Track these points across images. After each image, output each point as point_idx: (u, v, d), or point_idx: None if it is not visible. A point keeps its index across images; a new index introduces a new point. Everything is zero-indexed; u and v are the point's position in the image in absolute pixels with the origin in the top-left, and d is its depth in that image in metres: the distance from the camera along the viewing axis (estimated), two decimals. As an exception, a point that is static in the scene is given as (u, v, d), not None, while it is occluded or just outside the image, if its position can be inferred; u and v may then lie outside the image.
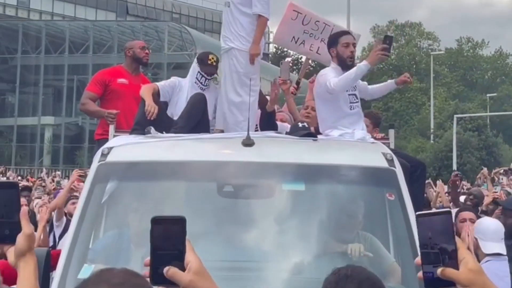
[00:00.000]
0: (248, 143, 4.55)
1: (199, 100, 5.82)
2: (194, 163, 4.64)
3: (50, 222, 8.22)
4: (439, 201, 11.11)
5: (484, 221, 6.48)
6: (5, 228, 2.44)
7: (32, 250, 2.46)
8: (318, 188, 4.63)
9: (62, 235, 7.91)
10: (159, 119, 5.68)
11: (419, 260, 2.09)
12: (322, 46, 6.96)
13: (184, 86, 6.13)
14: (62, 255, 4.04)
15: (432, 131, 55.17)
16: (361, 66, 5.76)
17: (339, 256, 4.39)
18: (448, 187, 15.66)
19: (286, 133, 5.40)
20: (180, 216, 2.19)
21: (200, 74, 6.09)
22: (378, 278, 2.59)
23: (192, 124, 5.53)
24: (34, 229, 7.69)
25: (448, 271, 2.03)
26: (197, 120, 5.64)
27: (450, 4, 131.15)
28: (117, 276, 1.68)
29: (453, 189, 11.47)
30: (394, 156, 4.73)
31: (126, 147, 4.78)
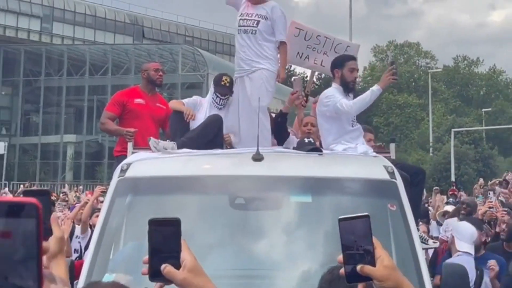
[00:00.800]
0: (257, 158, 4.55)
1: (214, 121, 5.90)
2: (207, 178, 4.65)
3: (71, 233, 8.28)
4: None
5: (464, 224, 7.11)
6: None
7: (62, 252, 2.48)
8: (324, 200, 4.63)
9: (87, 246, 7.94)
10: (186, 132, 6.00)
11: (341, 258, 2.18)
12: (325, 59, 7.02)
13: (204, 105, 6.30)
14: (85, 264, 4.05)
15: (431, 144, 55.03)
16: (375, 91, 5.89)
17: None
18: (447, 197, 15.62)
19: (293, 148, 5.41)
20: (176, 218, 2.23)
21: (215, 94, 6.24)
22: None
23: (202, 141, 5.56)
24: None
25: (366, 268, 2.14)
26: (208, 138, 5.67)
27: (447, 25, 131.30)
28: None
29: None
30: (395, 169, 4.73)
31: (143, 163, 4.81)
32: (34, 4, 61.51)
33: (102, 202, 9.18)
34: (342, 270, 2.19)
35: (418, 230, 5.48)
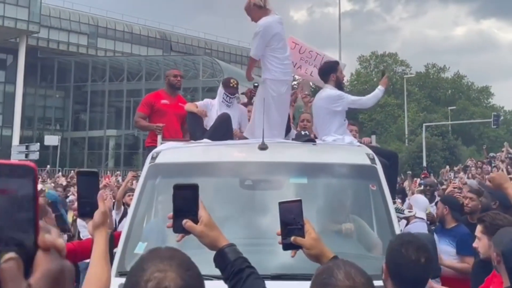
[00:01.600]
0: (263, 147, 4.56)
1: (225, 119, 5.85)
2: (221, 163, 4.66)
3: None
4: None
5: (418, 196, 7.81)
6: (86, 206, 2.52)
7: (106, 224, 2.52)
8: (317, 181, 4.62)
9: (121, 220, 7.99)
10: (200, 128, 5.95)
11: (279, 232, 2.44)
12: (314, 71, 6.97)
13: (214, 105, 6.26)
14: (122, 235, 4.06)
15: (406, 136, 54.88)
16: (382, 89, 6.19)
17: (335, 234, 4.38)
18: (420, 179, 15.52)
19: (292, 139, 5.40)
20: (194, 184, 2.32)
21: (225, 94, 6.21)
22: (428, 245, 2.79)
23: (218, 135, 5.52)
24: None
25: (297, 239, 2.41)
26: (222, 133, 5.62)
27: (419, 38, 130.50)
28: (165, 251, 1.73)
29: None
30: (375, 156, 4.72)
31: (170, 152, 4.81)
32: (82, 23, 61.77)
33: (132, 185, 9.26)
34: (279, 240, 2.45)
35: (395, 204, 5.45)
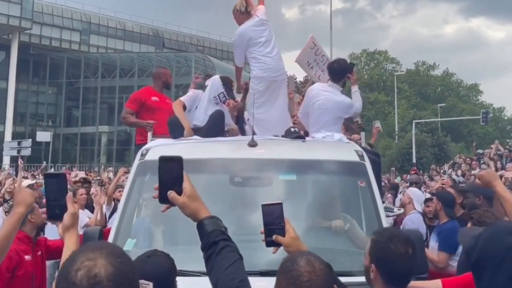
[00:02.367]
0: (252, 144, 4.55)
1: (219, 116, 5.68)
2: (212, 160, 4.63)
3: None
4: None
5: (415, 190, 8.15)
6: (56, 209, 2.52)
7: (75, 226, 2.53)
8: (307, 178, 4.61)
9: (111, 215, 7.98)
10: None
11: (263, 231, 2.62)
12: (321, 74, 7.08)
13: (203, 99, 6.00)
14: (112, 231, 4.04)
15: (396, 133, 55.00)
16: (358, 91, 6.16)
17: (324, 230, 4.37)
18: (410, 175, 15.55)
19: (282, 136, 5.36)
20: (179, 156, 2.39)
21: (223, 94, 5.91)
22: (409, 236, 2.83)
23: (212, 134, 5.41)
24: (91, 212, 7.61)
25: (278, 238, 2.58)
26: (216, 131, 5.51)
27: (409, 36, 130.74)
28: (97, 244, 1.74)
29: None
30: (364, 153, 4.71)
31: (159, 149, 4.76)
32: (75, 20, 61.42)
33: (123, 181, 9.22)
34: (263, 238, 2.62)
35: (384, 203, 5.45)
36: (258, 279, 2.98)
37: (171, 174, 2.35)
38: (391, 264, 2.71)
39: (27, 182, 10.14)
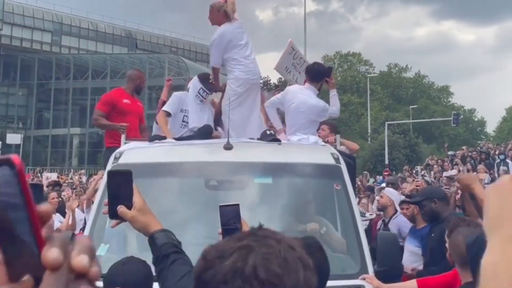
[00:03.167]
0: (228, 147, 4.51)
1: (206, 130, 5.70)
2: (186, 164, 4.58)
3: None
4: None
5: (393, 191, 7.94)
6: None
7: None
8: (282, 181, 4.59)
9: (88, 219, 7.87)
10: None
11: (220, 231, 2.60)
12: (298, 77, 7.17)
13: (186, 100, 6.05)
14: (84, 237, 3.95)
15: (369, 134, 55.40)
16: (337, 95, 6.24)
17: (300, 234, 4.34)
18: (383, 177, 15.65)
19: (257, 138, 5.34)
20: (128, 170, 2.29)
21: (203, 89, 5.98)
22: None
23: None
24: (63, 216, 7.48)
25: None
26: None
27: (381, 38, 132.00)
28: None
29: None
30: (340, 156, 4.71)
31: (133, 152, 4.70)
32: (46, 20, 60.75)
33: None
34: (220, 239, 2.47)
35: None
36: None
37: (121, 189, 2.26)
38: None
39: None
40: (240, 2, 6.13)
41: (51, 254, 0.71)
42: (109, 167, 4.41)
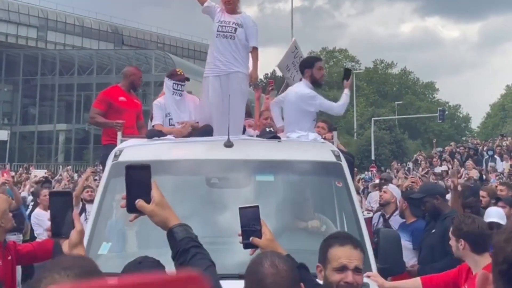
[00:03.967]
0: (228, 144, 4.49)
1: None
2: (187, 161, 4.55)
3: None
4: None
5: (395, 188, 7.66)
6: (61, 226, 2.46)
7: (82, 243, 2.44)
8: (283, 178, 4.58)
9: (79, 216, 7.80)
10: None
11: (240, 233, 2.68)
12: (296, 75, 7.12)
13: (165, 103, 5.97)
14: (85, 235, 3.90)
15: (355, 130, 55.66)
16: (348, 94, 6.16)
17: (301, 231, 4.34)
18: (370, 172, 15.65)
19: (257, 136, 5.31)
20: (146, 164, 2.31)
21: (175, 83, 5.92)
22: None
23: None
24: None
25: (255, 240, 2.65)
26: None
27: (366, 34, 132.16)
28: (67, 260, 1.66)
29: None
30: (340, 153, 4.70)
31: (133, 149, 4.66)
32: (32, 16, 60.13)
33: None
34: (240, 240, 2.67)
35: None
36: (236, 282, 2.91)
37: (139, 183, 2.28)
38: None
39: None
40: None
41: None
42: (109, 164, 4.37)
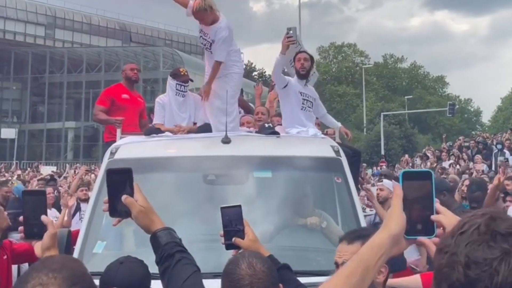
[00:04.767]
0: (226, 141, 4.46)
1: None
2: (184, 158, 4.52)
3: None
4: None
5: (391, 183, 7.22)
6: (34, 227, 2.41)
7: (55, 246, 2.39)
8: (282, 175, 4.52)
9: (74, 215, 7.85)
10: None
11: (222, 233, 2.60)
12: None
13: (167, 103, 5.91)
14: (80, 234, 3.89)
15: (364, 125, 55.46)
16: (277, 57, 5.72)
17: (300, 228, 4.30)
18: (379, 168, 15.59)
19: (256, 131, 5.26)
20: (128, 168, 2.28)
21: (178, 84, 5.86)
22: None
23: None
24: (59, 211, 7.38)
25: (237, 240, 2.56)
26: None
27: (375, 29, 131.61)
28: (56, 262, 1.61)
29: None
30: (340, 148, 4.64)
31: (129, 147, 4.64)
32: (40, 14, 60.43)
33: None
34: (222, 241, 2.59)
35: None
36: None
37: (121, 186, 2.24)
38: None
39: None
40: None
41: None
42: (105, 162, 4.35)
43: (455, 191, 7.48)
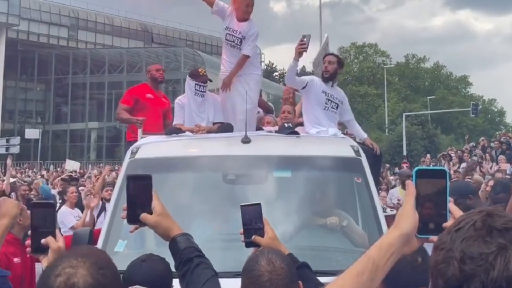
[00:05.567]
0: (246, 140, 4.46)
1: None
2: (204, 158, 4.54)
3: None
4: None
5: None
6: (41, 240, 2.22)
7: None
8: (301, 174, 4.52)
9: (99, 215, 7.90)
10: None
11: (242, 231, 2.61)
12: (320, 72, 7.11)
13: (186, 103, 5.94)
14: (102, 233, 3.93)
15: (386, 126, 55.11)
16: (290, 63, 5.71)
17: (320, 228, 4.29)
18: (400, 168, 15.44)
19: (275, 131, 5.26)
20: (148, 174, 2.28)
21: (198, 84, 5.85)
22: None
23: None
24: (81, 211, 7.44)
25: (257, 238, 2.57)
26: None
27: (398, 28, 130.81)
28: (84, 249, 1.76)
29: None
30: (360, 148, 4.63)
31: (150, 146, 4.67)
32: (63, 15, 61.00)
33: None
34: (242, 239, 2.60)
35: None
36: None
37: (140, 193, 2.25)
38: (399, 275, 2.21)
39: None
40: (256, -6, 6.00)
41: None
42: (126, 161, 4.38)
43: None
